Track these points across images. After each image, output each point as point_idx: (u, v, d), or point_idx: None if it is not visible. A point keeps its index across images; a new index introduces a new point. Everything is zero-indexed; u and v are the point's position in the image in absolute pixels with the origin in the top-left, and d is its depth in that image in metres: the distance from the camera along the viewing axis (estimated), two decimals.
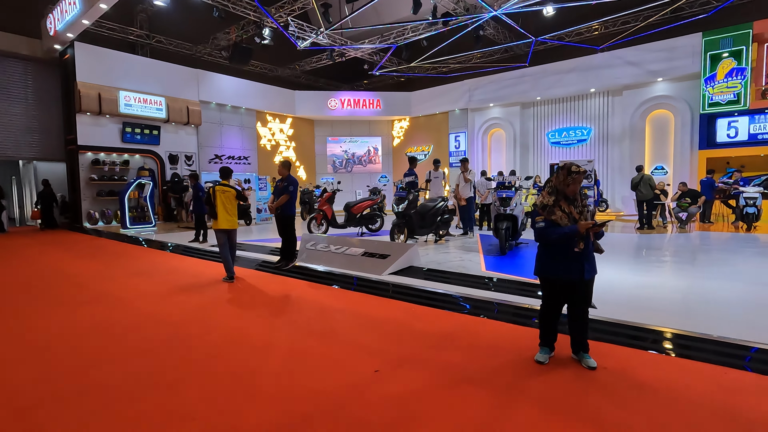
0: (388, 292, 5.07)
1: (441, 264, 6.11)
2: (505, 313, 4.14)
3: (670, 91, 14.79)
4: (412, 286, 5.07)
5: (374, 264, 5.98)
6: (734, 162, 13.76)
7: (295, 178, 6.60)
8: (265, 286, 5.67)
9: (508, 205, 6.67)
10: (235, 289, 5.54)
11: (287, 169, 6.59)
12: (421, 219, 7.89)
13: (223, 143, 18.14)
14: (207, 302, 4.98)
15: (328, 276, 5.95)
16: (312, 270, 6.32)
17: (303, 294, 5.26)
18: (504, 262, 6.15)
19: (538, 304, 3.52)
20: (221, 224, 5.88)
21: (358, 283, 5.52)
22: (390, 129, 22.66)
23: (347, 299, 4.96)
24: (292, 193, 6.44)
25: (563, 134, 17.41)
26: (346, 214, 9.80)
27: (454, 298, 4.61)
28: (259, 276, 6.31)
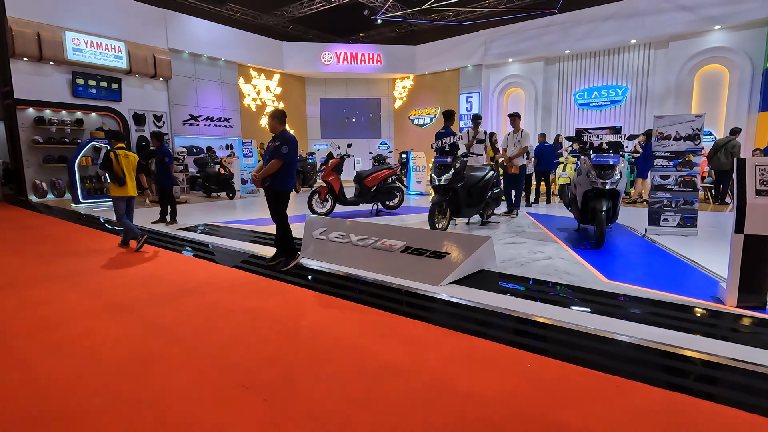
0: (485, 327, 2.98)
1: (519, 265, 4.06)
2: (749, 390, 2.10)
3: (727, 41, 12.61)
4: (504, 311, 3.00)
5: (424, 266, 3.89)
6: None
7: (292, 136, 4.38)
8: (257, 302, 3.53)
9: (610, 177, 4.58)
10: (211, 308, 3.40)
11: (281, 122, 4.37)
12: (468, 195, 5.77)
13: (200, 101, 15.47)
14: (156, 348, 2.85)
15: (350, 286, 3.84)
16: (324, 273, 4.20)
17: (318, 322, 3.14)
18: (615, 262, 4.12)
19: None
20: (129, 190, 5.69)
21: (407, 300, 3.44)
22: (391, 89, 20.10)
23: (405, 338, 2.86)
24: (287, 158, 4.23)
25: (593, 94, 15.21)
26: (357, 187, 7.62)
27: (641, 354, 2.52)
28: (245, 282, 4.15)
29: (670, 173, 5.91)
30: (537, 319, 2.81)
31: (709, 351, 2.30)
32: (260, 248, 5.19)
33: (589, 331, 2.60)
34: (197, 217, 8.09)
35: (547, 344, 2.55)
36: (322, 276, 4.13)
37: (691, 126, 5.88)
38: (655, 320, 2.74)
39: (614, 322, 2.71)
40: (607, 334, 2.54)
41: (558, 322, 2.72)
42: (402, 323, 3.02)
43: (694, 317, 2.82)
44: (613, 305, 2.99)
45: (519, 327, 2.78)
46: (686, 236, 5.70)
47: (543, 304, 3.10)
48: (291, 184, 4.47)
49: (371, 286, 3.75)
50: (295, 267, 4.39)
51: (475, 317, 2.98)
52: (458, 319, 3.01)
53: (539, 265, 4.01)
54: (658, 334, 2.51)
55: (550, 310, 2.96)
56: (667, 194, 5.93)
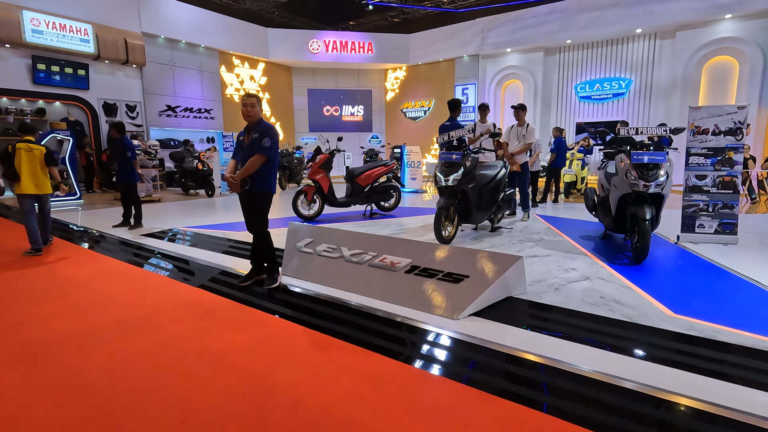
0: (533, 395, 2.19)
1: (554, 289, 3.27)
2: None
3: (738, 31, 11.97)
4: (571, 369, 2.21)
5: (436, 292, 3.08)
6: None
7: (272, 126, 3.54)
8: (222, 341, 2.67)
9: (654, 179, 3.81)
10: (161, 351, 2.54)
11: (259, 106, 3.52)
12: (479, 198, 4.96)
13: (178, 91, 14.37)
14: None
15: (343, 318, 3.00)
16: (310, 298, 3.36)
17: (300, 379, 2.29)
18: (670, 285, 3.37)
19: None
20: (24, 188, 5.03)
21: (418, 341, 2.62)
22: (383, 80, 19.17)
23: (424, 409, 2.03)
24: (270, 152, 3.40)
25: (595, 87, 14.51)
26: (348, 186, 6.76)
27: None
28: (211, 309, 3.27)
29: (708, 173, 5.18)
30: (614, 383, 2.02)
31: None
32: (236, 262, 4.32)
33: (698, 405, 1.81)
34: (169, 218, 7.16)
35: (642, 427, 1.75)
36: (307, 302, 3.28)
37: (732, 119, 5.15)
38: None
39: (726, 389, 1.92)
40: (730, 412, 1.75)
41: (649, 390, 1.93)
42: (416, 379, 2.19)
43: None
44: (709, 358, 2.21)
45: (588, 393, 1.98)
46: (725, 245, 4.98)
47: (606, 352, 2.30)
48: (274, 184, 3.65)
49: (369, 319, 2.92)
50: (275, 287, 3.54)
51: (519, 374, 2.18)
52: (494, 374, 2.20)
53: (578, 289, 3.23)
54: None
55: (624, 364, 2.16)
56: (704, 197, 5.20)
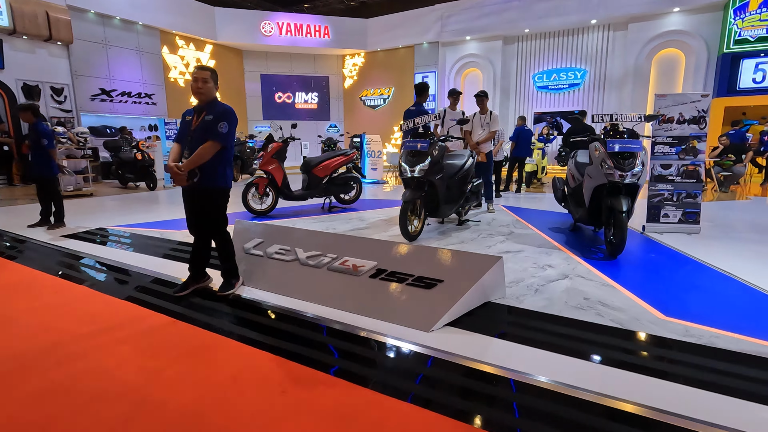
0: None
1: (533, 290, 2.99)
2: None
3: (685, 24, 12.39)
4: (574, 393, 1.89)
5: (406, 300, 2.69)
6: (752, 113, 11.92)
7: (229, 109, 2.99)
8: (147, 373, 2.13)
9: (631, 168, 3.60)
10: (65, 392, 1.97)
11: (213, 82, 2.99)
12: (447, 189, 4.62)
13: (113, 73, 13.03)
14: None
15: (299, 334, 2.55)
16: (260, 310, 2.88)
17: (242, 422, 1.83)
18: (652, 282, 3.18)
19: None
20: None
21: (391, 360, 2.23)
22: (340, 66, 18.48)
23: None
24: (227, 139, 2.93)
25: (552, 77, 14.66)
26: (305, 178, 6.22)
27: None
28: (139, 332, 2.69)
29: (672, 162, 5.13)
30: (622, 407, 1.71)
31: None
32: (177, 268, 3.72)
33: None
34: (100, 215, 6.31)
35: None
36: (257, 315, 2.79)
37: (696, 107, 5.11)
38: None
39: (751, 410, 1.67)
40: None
41: (664, 416, 1.63)
42: (390, 413, 1.79)
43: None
44: (724, 372, 1.96)
45: (594, 423, 1.66)
46: (689, 234, 4.97)
47: (606, 368, 2.01)
48: (230, 177, 3.11)
49: (330, 335, 2.48)
50: (228, 294, 3.02)
51: (508, 399, 1.83)
52: (479, 400, 1.84)
53: (559, 290, 2.95)
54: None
55: (630, 384, 1.87)
56: (668, 186, 5.16)
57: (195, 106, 3.04)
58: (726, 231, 5.10)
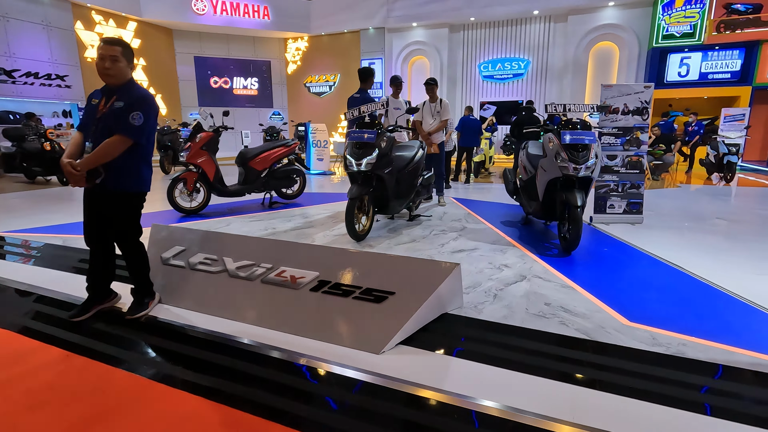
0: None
1: (492, 296, 2.75)
2: None
3: (619, 18, 12.92)
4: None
5: (353, 316, 2.34)
6: (677, 105, 12.72)
7: (146, 95, 2.43)
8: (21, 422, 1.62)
9: (585, 161, 3.47)
10: None
11: (130, 62, 2.45)
12: (397, 184, 4.29)
13: (15, 50, 11.33)
14: None
15: (235, 369, 2.11)
16: (182, 334, 2.40)
17: None
18: (610, 281, 3.06)
19: None
20: None
21: (336, 392, 1.87)
22: (283, 50, 17.53)
23: None
24: (142, 134, 2.39)
25: (497, 66, 14.80)
26: (241, 172, 5.63)
27: None
28: (22, 370, 2.11)
29: (618, 152, 5.16)
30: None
31: None
32: (84, 283, 3.09)
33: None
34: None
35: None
36: (177, 342, 2.31)
37: (639, 98, 5.15)
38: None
39: None
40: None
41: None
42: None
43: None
44: (697, 387, 1.80)
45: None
46: (633, 224, 5.04)
47: (579, 389, 1.78)
48: (149, 179, 2.56)
49: (264, 364, 2.08)
50: (140, 316, 2.49)
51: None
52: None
53: (518, 295, 2.74)
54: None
55: (603, 406, 1.65)
56: (614, 177, 5.19)
57: (103, 87, 2.44)
58: (665, 220, 5.23)
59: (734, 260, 3.52)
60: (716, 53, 11.68)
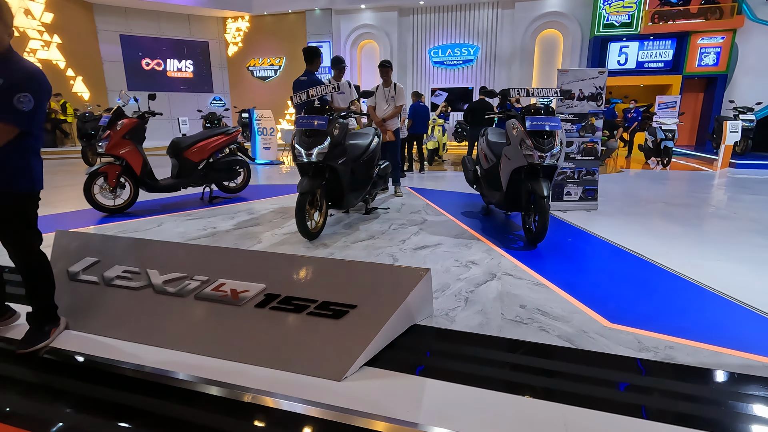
0: None
1: (463, 299, 2.51)
2: None
3: (563, 7, 13.18)
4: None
5: (309, 335, 1.98)
6: (616, 92, 13.25)
7: (34, 70, 1.86)
8: None
9: (551, 148, 3.29)
10: None
11: (8, 27, 1.83)
12: (352, 175, 3.93)
13: None
14: None
15: (161, 414, 1.69)
16: (97, 371, 1.94)
17: None
18: (582, 277, 2.91)
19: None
20: None
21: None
22: (222, 30, 16.31)
23: None
24: (23, 121, 1.83)
25: (447, 52, 14.67)
26: (175, 163, 5.00)
27: None
28: None
29: (574, 139, 5.12)
30: None
31: None
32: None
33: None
34: None
35: None
36: (89, 383, 1.84)
37: (594, 84, 5.11)
38: None
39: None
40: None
41: None
42: None
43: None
44: (695, 399, 1.63)
45: None
46: (588, 211, 5.04)
47: (567, 407, 1.56)
48: (40, 175, 2.04)
49: (200, 405, 1.68)
50: (39, 348, 1.97)
51: None
52: None
53: (491, 296, 2.50)
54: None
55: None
56: (570, 164, 5.15)
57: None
58: (617, 206, 5.29)
59: (689, 246, 3.54)
60: (651, 43, 12.25)
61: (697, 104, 13.12)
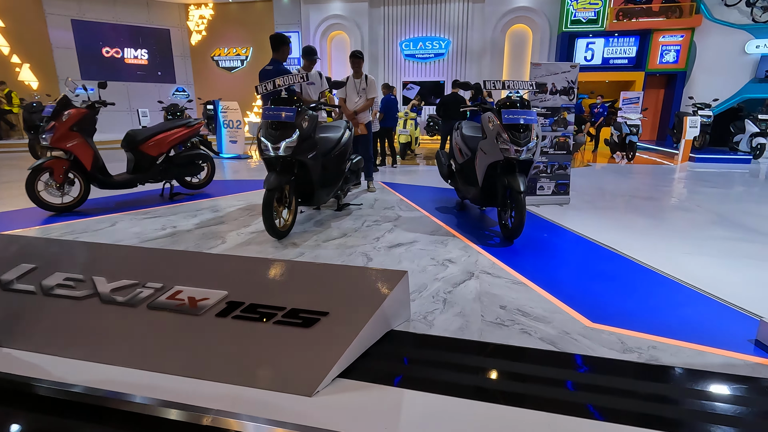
0: None
1: (440, 300, 2.39)
2: None
3: (532, 2, 13.29)
4: None
5: (276, 346, 1.81)
6: (582, 87, 13.53)
7: None
8: None
9: (527, 142, 3.22)
10: None
11: None
12: (323, 170, 3.74)
13: None
14: None
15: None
16: (34, 395, 1.69)
17: None
18: (559, 274, 2.86)
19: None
20: None
21: None
22: (184, 18, 15.55)
23: None
24: None
25: (419, 45, 14.55)
26: (131, 158, 4.65)
27: None
28: None
29: (546, 133, 5.10)
30: None
31: None
32: None
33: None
34: None
35: None
36: (20, 409, 1.61)
37: (566, 78, 5.11)
38: None
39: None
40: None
41: None
42: None
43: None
44: (684, 406, 1.57)
45: None
46: (561, 205, 5.06)
47: (556, 417, 1.47)
48: None
49: (151, 429, 1.49)
50: None
51: None
52: None
53: (470, 297, 2.40)
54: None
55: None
56: (543, 158, 5.14)
57: None
58: (588, 200, 5.34)
59: (660, 239, 3.58)
60: (616, 40, 12.55)
61: (659, 100, 13.58)
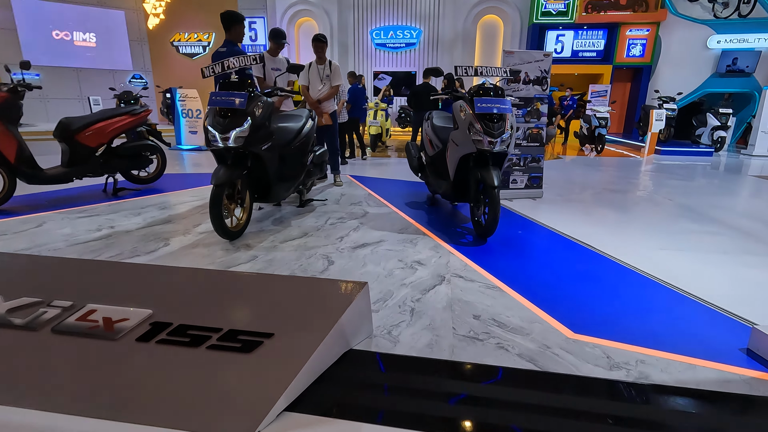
0: None
1: (408, 310, 2.14)
2: None
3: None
4: None
5: (212, 375, 1.50)
6: (552, 80, 13.56)
7: None
8: None
9: (501, 133, 2.99)
10: None
11: None
12: (281, 162, 3.40)
13: None
14: None
15: None
16: None
17: None
18: (535, 277, 2.65)
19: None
20: None
21: None
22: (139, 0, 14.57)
23: None
24: None
25: (389, 34, 14.20)
26: (65, 149, 4.14)
27: None
28: None
29: (520, 125, 4.93)
30: None
31: None
32: None
33: None
34: None
35: None
36: None
37: (539, 67, 4.94)
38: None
39: None
40: None
41: None
42: None
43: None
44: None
45: None
46: (534, 199, 4.91)
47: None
48: None
49: None
50: None
51: None
52: None
53: (440, 306, 2.16)
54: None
55: None
56: (516, 150, 4.97)
57: None
58: (560, 193, 5.23)
59: (637, 235, 3.46)
60: (585, 32, 12.60)
61: (625, 93, 13.80)
